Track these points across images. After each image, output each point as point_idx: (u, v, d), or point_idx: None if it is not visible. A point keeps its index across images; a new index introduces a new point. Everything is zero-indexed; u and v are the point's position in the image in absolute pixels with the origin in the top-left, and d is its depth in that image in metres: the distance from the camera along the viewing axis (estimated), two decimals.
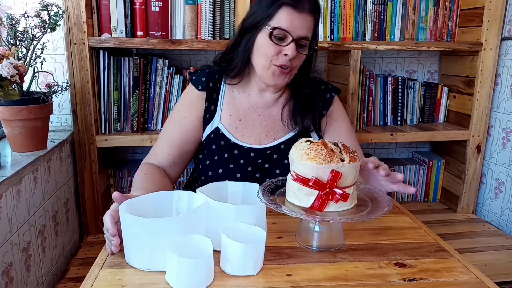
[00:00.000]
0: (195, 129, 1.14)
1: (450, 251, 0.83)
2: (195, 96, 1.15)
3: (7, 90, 1.14)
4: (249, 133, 1.14)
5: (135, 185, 0.99)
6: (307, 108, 1.15)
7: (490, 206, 1.82)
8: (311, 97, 1.16)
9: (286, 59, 1.02)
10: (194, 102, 1.15)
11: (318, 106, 1.17)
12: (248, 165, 1.12)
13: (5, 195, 1.04)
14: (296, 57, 1.04)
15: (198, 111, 1.14)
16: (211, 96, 1.15)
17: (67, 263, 1.46)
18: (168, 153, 1.12)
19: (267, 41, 1.02)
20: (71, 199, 1.54)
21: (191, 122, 1.14)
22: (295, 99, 1.16)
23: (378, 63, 1.94)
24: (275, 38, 1.02)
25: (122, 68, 1.52)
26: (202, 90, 1.14)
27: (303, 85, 1.15)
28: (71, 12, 1.39)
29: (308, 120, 1.14)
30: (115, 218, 0.77)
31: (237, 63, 1.11)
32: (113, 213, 0.77)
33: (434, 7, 1.74)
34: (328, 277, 0.72)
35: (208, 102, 1.14)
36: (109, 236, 0.77)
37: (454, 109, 1.87)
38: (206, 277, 0.68)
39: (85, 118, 1.47)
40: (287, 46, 1.01)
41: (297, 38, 1.01)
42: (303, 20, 1.01)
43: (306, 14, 1.01)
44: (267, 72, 1.06)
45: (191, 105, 1.15)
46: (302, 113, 1.14)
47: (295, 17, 1.00)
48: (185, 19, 1.51)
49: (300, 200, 0.79)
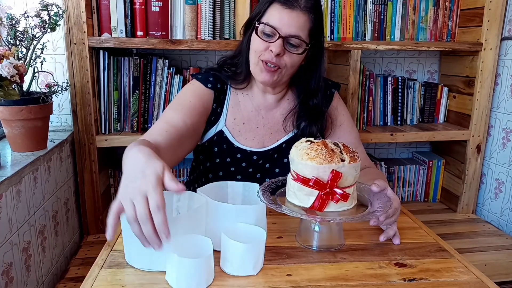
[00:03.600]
0: (196, 115, 1.06)
1: (450, 251, 0.83)
2: (202, 90, 1.10)
3: (7, 90, 1.14)
4: (252, 136, 1.13)
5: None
6: (314, 118, 1.12)
7: (490, 206, 1.82)
8: (319, 107, 1.13)
9: (272, 55, 1.00)
10: (202, 94, 1.10)
11: (324, 114, 1.14)
12: (249, 167, 1.12)
13: (5, 195, 1.04)
14: (286, 55, 1.01)
15: (204, 103, 1.09)
16: (219, 97, 1.12)
17: (67, 263, 1.46)
18: (166, 130, 0.97)
19: (256, 38, 1.02)
20: (71, 199, 1.54)
21: (194, 105, 1.06)
22: (302, 107, 1.13)
23: (378, 63, 1.94)
24: (262, 34, 1.01)
25: (122, 68, 1.52)
26: (211, 88, 1.11)
27: (312, 93, 1.12)
28: (71, 12, 1.39)
29: (314, 129, 1.12)
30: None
31: (242, 66, 1.10)
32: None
33: (434, 7, 1.74)
34: (328, 277, 0.72)
35: (216, 103, 1.11)
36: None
37: (454, 109, 1.87)
38: (206, 277, 0.68)
39: (85, 118, 1.47)
40: (273, 43, 0.99)
41: (285, 36, 0.99)
42: (293, 17, 0.99)
43: (299, 12, 0.99)
44: (256, 69, 1.05)
45: (197, 94, 1.09)
46: (309, 123, 1.12)
47: (284, 14, 0.99)
48: (185, 19, 1.51)
49: (300, 200, 0.79)
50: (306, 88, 1.13)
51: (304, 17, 1.00)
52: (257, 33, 1.01)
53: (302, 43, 1.01)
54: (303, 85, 1.13)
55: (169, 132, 0.97)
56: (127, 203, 0.63)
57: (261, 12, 1.02)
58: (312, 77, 1.11)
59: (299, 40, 1.00)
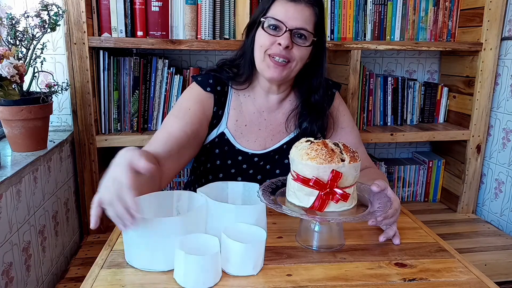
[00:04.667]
0: (198, 123, 1.06)
1: (450, 251, 0.83)
2: (202, 94, 1.10)
3: (7, 90, 1.14)
4: (254, 138, 1.13)
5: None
6: (316, 117, 1.12)
7: (490, 206, 1.82)
8: (321, 104, 1.12)
9: (280, 48, 0.99)
10: (201, 99, 1.09)
11: (326, 112, 1.14)
12: (250, 168, 1.12)
13: (5, 195, 1.04)
14: (294, 48, 1.01)
15: (204, 109, 1.09)
16: (219, 99, 1.11)
17: (67, 263, 1.46)
18: (166, 143, 0.98)
19: (262, 32, 1.02)
20: (71, 199, 1.54)
21: (195, 114, 1.06)
22: (303, 105, 1.13)
23: (378, 63, 1.94)
24: (269, 28, 1.01)
25: (122, 68, 1.52)
26: (210, 92, 1.10)
27: (314, 90, 1.12)
28: (71, 12, 1.39)
29: (315, 127, 1.11)
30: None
31: (244, 66, 1.09)
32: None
33: (434, 7, 1.74)
34: (328, 277, 0.72)
35: (216, 106, 1.10)
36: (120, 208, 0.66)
37: (454, 109, 1.87)
38: (214, 275, 0.69)
39: (85, 118, 1.47)
40: (281, 36, 0.99)
41: (292, 29, 0.99)
42: (298, 10, 0.99)
43: (303, 5, 1.00)
44: (263, 65, 1.04)
45: (197, 101, 1.09)
46: (311, 122, 1.11)
47: (289, 7, 0.99)
48: (185, 19, 1.51)
49: (301, 200, 0.79)
50: (309, 86, 1.13)
51: (309, 10, 1.01)
52: (263, 28, 1.01)
53: (309, 35, 1.01)
54: (306, 85, 1.13)
55: (170, 143, 0.98)
56: (102, 189, 0.70)
57: (265, 9, 1.02)
58: (315, 75, 1.11)
59: (307, 32, 1.01)
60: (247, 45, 1.08)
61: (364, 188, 0.89)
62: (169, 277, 0.70)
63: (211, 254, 0.67)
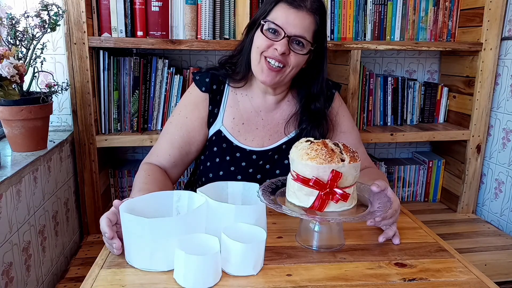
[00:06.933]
0: (196, 130, 1.12)
1: (450, 251, 0.83)
2: (198, 97, 1.13)
3: (7, 90, 1.14)
4: (252, 137, 1.14)
5: (137, 186, 0.98)
6: (317, 124, 1.12)
7: (490, 206, 1.82)
8: (321, 111, 1.12)
9: (276, 54, 1.00)
10: (197, 103, 1.13)
11: (326, 118, 1.14)
12: (249, 167, 1.12)
13: (5, 195, 1.04)
14: (291, 54, 1.01)
15: (200, 112, 1.13)
16: (214, 98, 1.13)
17: (67, 263, 1.46)
18: (169, 154, 1.10)
19: (261, 35, 1.02)
20: (71, 199, 1.54)
21: (192, 122, 1.12)
22: (304, 111, 1.13)
23: (378, 63, 1.94)
24: (268, 32, 1.01)
25: (122, 68, 1.52)
26: (205, 91, 1.13)
27: (314, 98, 1.12)
28: (71, 12, 1.39)
29: (317, 133, 1.11)
30: (112, 221, 0.77)
31: (241, 65, 1.10)
32: (111, 215, 0.77)
33: (434, 7, 1.74)
34: (328, 277, 0.72)
35: (211, 105, 1.13)
36: (107, 239, 0.76)
37: (454, 109, 1.87)
38: (213, 275, 0.69)
39: (85, 118, 1.47)
40: (279, 41, 0.99)
41: (290, 35, 0.99)
42: (299, 18, 0.99)
43: (305, 13, 1.00)
44: (258, 67, 1.04)
45: (193, 106, 1.13)
46: (312, 128, 1.12)
47: (290, 13, 0.99)
48: (185, 19, 1.51)
49: (300, 200, 0.79)
50: (308, 92, 1.13)
51: (310, 18, 1.01)
52: (262, 31, 1.01)
53: (307, 43, 1.02)
54: (304, 89, 1.13)
55: (173, 154, 1.10)
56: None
57: (266, 11, 1.02)
58: (314, 82, 1.12)
59: (305, 40, 1.01)
60: (245, 43, 1.09)
61: (364, 188, 0.89)
62: (169, 277, 0.70)
63: (211, 254, 0.68)
